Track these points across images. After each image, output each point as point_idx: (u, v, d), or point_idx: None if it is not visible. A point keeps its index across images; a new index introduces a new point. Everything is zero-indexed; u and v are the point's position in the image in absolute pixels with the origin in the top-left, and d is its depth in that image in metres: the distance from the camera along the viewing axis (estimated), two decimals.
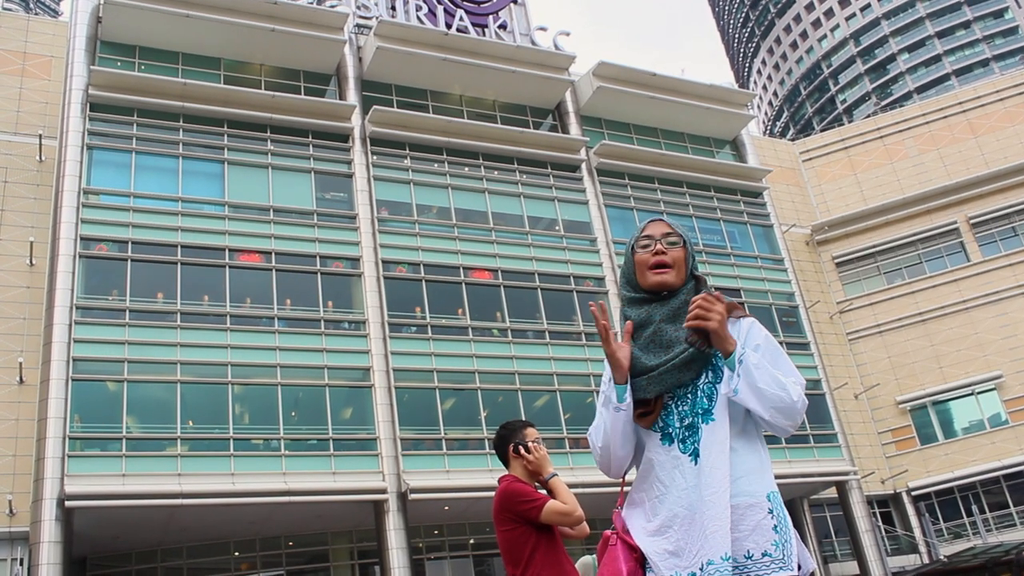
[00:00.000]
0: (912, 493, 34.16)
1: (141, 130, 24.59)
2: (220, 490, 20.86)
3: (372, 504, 22.70)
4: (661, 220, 2.81)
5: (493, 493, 4.17)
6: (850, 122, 68.02)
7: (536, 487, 4.07)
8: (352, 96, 27.78)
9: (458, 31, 29.63)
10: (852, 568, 30.42)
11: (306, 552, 25.46)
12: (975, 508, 33.30)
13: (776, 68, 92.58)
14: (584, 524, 3.99)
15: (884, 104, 75.19)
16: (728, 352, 2.54)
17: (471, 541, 26.34)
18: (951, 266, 36.95)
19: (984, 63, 76.36)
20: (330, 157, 26.77)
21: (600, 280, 28.54)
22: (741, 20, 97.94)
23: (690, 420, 2.62)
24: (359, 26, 29.52)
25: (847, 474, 29.29)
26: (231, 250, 24.05)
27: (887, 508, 34.64)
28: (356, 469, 22.64)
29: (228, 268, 23.78)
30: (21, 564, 20.95)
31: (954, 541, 33.35)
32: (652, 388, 2.65)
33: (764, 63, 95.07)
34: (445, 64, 28.81)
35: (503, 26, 31.41)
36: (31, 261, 23.69)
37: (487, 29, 30.76)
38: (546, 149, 29.89)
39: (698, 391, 2.64)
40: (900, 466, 34.50)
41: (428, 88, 29.61)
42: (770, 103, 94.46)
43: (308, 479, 21.87)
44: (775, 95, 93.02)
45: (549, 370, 26.12)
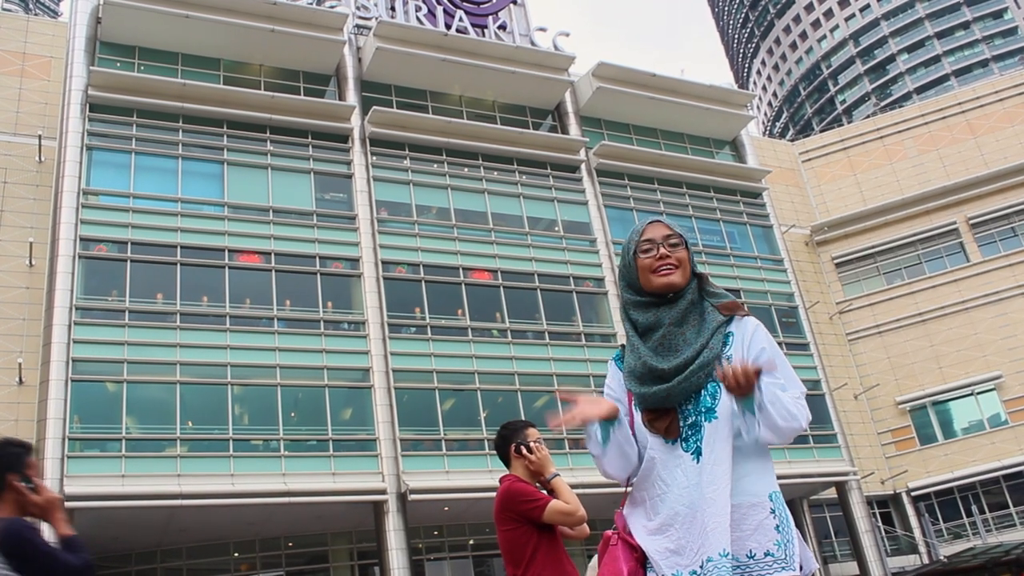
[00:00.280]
0: (912, 493, 34.15)
1: (140, 131, 24.58)
2: (220, 491, 20.85)
3: (372, 505, 22.68)
4: (660, 222, 2.79)
5: (493, 494, 4.16)
6: (849, 123, 68.04)
7: (537, 487, 4.07)
8: (351, 97, 27.78)
9: (457, 32, 29.62)
10: (852, 569, 30.41)
11: (306, 553, 25.44)
12: (975, 508, 33.29)
13: (776, 69, 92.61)
14: (585, 525, 3.99)
15: (883, 105, 75.24)
16: (752, 386, 2.47)
17: (471, 542, 26.32)
18: (951, 266, 36.94)
19: (983, 64, 76.39)
20: (329, 158, 26.77)
21: (600, 281, 28.54)
22: (741, 20, 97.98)
23: (693, 419, 2.61)
24: (358, 27, 29.52)
25: (847, 474, 29.28)
26: (230, 251, 24.05)
27: (887, 508, 34.62)
28: (356, 470, 22.64)
29: (228, 269, 23.78)
30: None
31: (954, 541, 33.34)
32: (673, 399, 2.62)
33: (764, 63, 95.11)
34: (444, 65, 28.81)
35: (503, 27, 31.40)
36: (30, 262, 23.68)
37: (487, 30, 30.75)
38: (546, 150, 29.88)
39: (702, 390, 2.63)
40: (900, 466, 34.49)
41: (427, 89, 29.61)
42: (769, 104, 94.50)
43: (308, 480, 21.86)
44: (775, 96, 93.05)
45: (549, 371, 26.12)
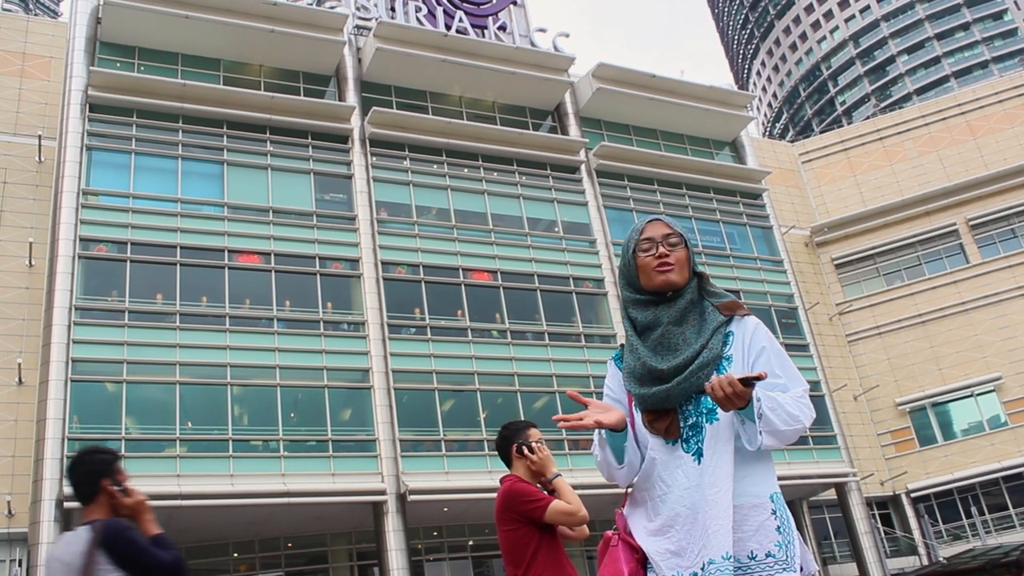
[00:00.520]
0: (911, 495, 34.13)
1: (140, 131, 24.58)
2: (219, 491, 20.85)
3: (371, 505, 22.67)
4: (660, 220, 2.77)
5: (493, 495, 4.15)
6: (849, 124, 68.05)
7: (539, 487, 4.06)
8: (351, 97, 27.77)
9: (457, 32, 29.62)
10: (851, 570, 30.39)
11: (305, 553, 25.42)
12: (974, 510, 33.28)
13: (775, 70, 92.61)
14: (585, 526, 3.98)
15: (883, 106, 75.25)
16: (746, 397, 2.44)
17: (470, 542, 26.31)
18: (950, 268, 36.94)
19: (983, 65, 76.39)
20: (329, 158, 26.76)
21: (599, 282, 28.53)
22: (740, 21, 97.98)
23: (694, 419, 2.59)
24: (358, 27, 29.52)
25: (846, 476, 29.27)
26: (230, 251, 24.04)
27: (886, 510, 34.61)
28: (355, 470, 22.63)
29: (227, 269, 23.77)
30: (20, 565, 20.93)
31: (953, 543, 33.32)
32: (672, 399, 2.61)
33: (763, 64, 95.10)
34: (444, 65, 28.81)
35: (502, 27, 31.40)
36: (30, 262, 23.67)
37: (486, 30, 30.75)
38: (545, 150, 29.87)
39: (702, 391, 2.60)
40: (899, 468, 34.48)
41: (427, 89, 29.60)
42: (769, 105, 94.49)
43: (307, 480, 21.85)
44: (774, 97, 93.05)
45: (548, 371, 26.11)
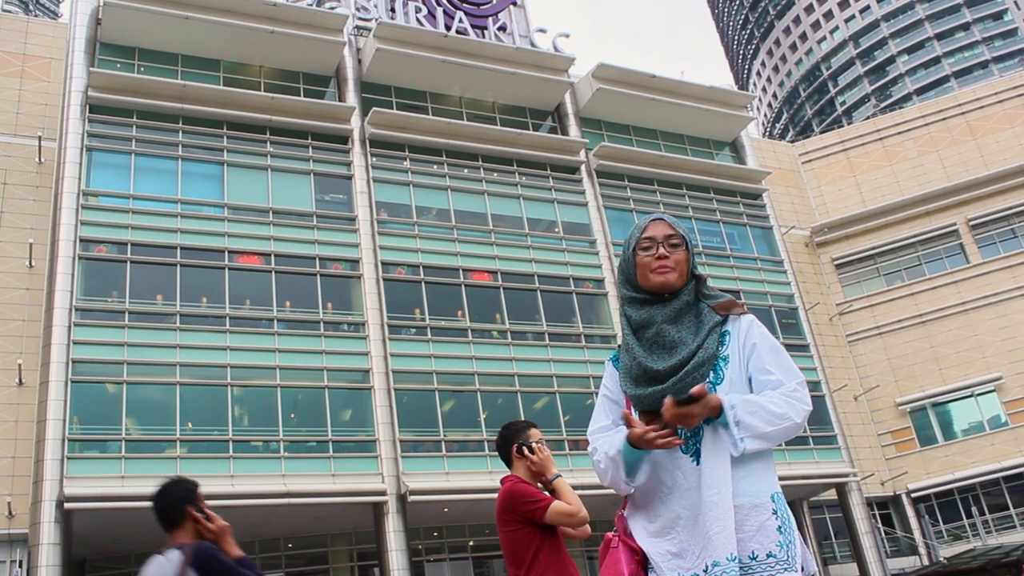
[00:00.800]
0: (912, 495, 34.12)
1: (140, 132, 24.58)
2: (219, 492, 20.78)
3: (371, 506, 22.66)
4: (662, 220, 2.77)
5: (493, 495, 4.15)
6: (849, 124, 68.03)
7: (539, 488, 4.06)
8: (351, 98, 27.77)
9: (457, 33, 29.62)
10: (852, 570, 30.38)
11: (305, 554, 25.41)
12: (975, 510, 33.27)
13: (775, 70, 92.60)
14: (587, 525, 3.98)
15: (883, 106, 75.24)
16: (717, 408, 2.45)
17: (471, 543, 26.30)
18: (950, 268, 36.94)
19: (983, 65, 76.38)
20: (329, 159, 26.76)
21: (599, 282, 28.52)
22: (740, 22, 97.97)
23: None
24: (358, 28, 29.51)
25: (847, 476, 29.26)
26: (230, 252, 24.04)
27: (887, 510, 34.60)
28: (355, 471, 22.62)
29: (227, 270, 23.77)
30: (20, 566, 20.93)
31: (954, 543, 33.31)
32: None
33: (763, 65, 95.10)
34: (444, 66, 28.80)
35: (502, 28, 31.40)
36: (30, 263, 23.67)
37: (486, 31, 30.75)
38: (545, 151, 29.87)
39: None
40: (900, 468, 34.48)
41: (427, 90, 29.60)
42: (769, 105, 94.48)
43: (307, 481, 21.85)
44: (775, 97, 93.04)
45: (548, 372, 26.10)
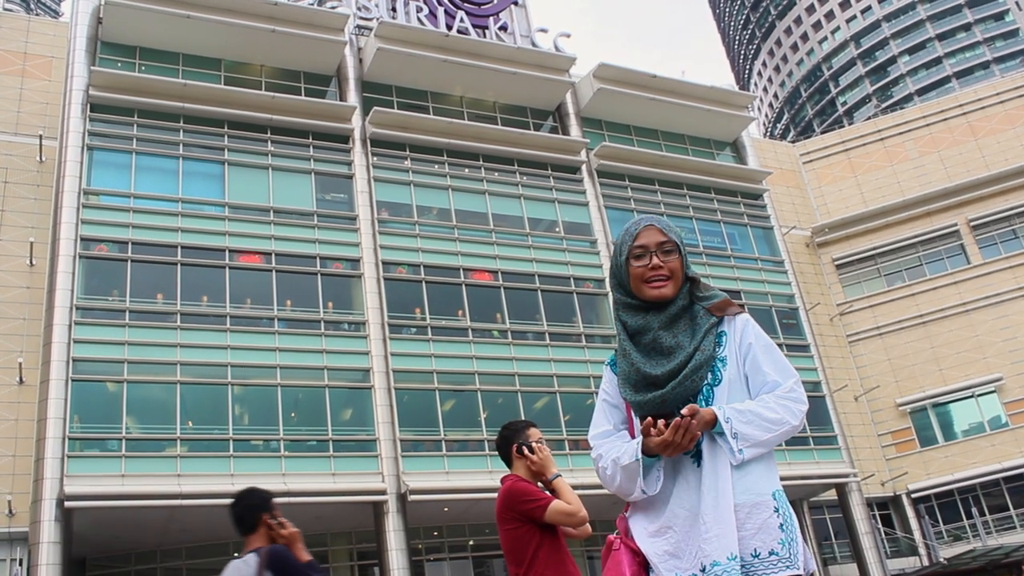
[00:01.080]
0: (912, 495, 34.11)
1: (141, 131, 24.59)
2: (219, 491, 20.73)
3: (372, 505, 22.67)
4: (653, 226, 2.70)
5: (493, 495, 4.15)
6: (850, 124, 68.04)
7: (539, 487, 4.05)
8: (352, 97, 27.78)
9: (459, 32, 29.62)
10: (852, 570, 30.37)
11: None
12: (975, 510, 33.26)
13: (776, 70, 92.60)
14: (587, 525, 3.98)
15: (885, 106, 75.23)
16: (712, 422, 2.48)
17: (471, 542, 26.30)
18: (951, 268, 36.92)
19: (985, 65, 76.36)
20: (330, 158, 26.77)
21: (600, 282, 28.51)
22: (742, 22, 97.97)
23: None
24: (359, 27, 29.51)
25: (847, 476, 29.26)
26: (231, 251, 24.04)
27: (887, 510, 34.58)
28: (356, 470, 22.63)
29: (228, 269, 23.77)
30: (20, 564, 20.93)
31: (954, 543, 33.30)
32: (668, 404, 2.58)
33: (765, 65, 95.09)
34: (445, 65, 28.80)
35: (504, 27, 31.39)
36: (31, 261, 23.67)
37: (487, 31, 30.75)
38: (546, 151, 29.87)
39: (698, 394, 2.60)
40: (900, 468, 34.47)
41: (428, 89, 29.60)
42: (770, 105, 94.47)
43: (307, 480, 21.85)
44: (775, 97, 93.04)
45: (549, 372, 26.10)
